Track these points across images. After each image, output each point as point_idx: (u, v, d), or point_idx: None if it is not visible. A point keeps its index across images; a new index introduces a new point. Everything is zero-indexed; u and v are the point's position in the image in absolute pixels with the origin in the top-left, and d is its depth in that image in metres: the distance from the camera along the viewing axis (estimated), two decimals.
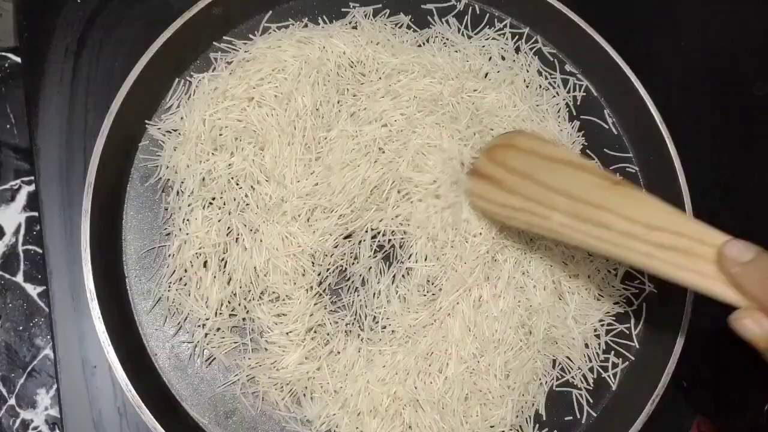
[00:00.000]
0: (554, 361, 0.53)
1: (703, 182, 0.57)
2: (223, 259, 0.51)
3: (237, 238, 0.51)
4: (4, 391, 0.54)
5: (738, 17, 0.68)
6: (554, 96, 0.60)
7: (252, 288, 0.50)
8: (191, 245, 0.50)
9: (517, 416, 0.51)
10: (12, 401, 0.53)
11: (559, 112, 0.59)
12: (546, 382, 0.53)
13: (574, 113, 0.60)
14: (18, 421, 0.53)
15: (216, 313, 0.50)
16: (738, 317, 0.37)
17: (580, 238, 0.45)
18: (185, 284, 0.50)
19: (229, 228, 0.51)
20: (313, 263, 0.51)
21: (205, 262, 0.50)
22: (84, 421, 0.50)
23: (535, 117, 0.57)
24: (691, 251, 0.40)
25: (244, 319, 0.50)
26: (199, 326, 0.50)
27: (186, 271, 0.50)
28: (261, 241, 0.50)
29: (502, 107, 0.57)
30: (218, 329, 0.50)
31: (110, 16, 0.59)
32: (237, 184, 0.51)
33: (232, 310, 0.50)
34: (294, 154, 0.51)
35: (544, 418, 0.52)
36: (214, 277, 0.50)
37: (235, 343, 0.50)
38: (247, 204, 0.51)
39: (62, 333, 0.51)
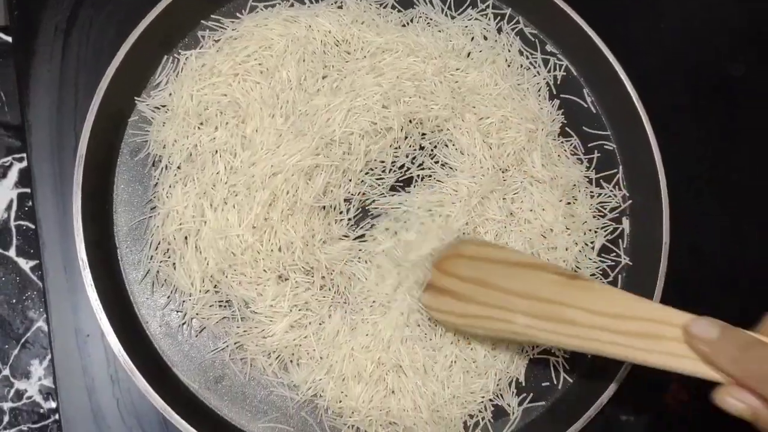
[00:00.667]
0: None
1: (686, 172, 0.58)
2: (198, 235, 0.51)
3: (203, 217, 0.51)
4: None
5: (718, 2, 0.70)
6: (535, 75, 0.61)
7: (226, 269, 0.50)
8: (173, 220, 0.51)
9: (497, 384, 0.53)
10: (6, 372, 0.55)
11: (539, 90, 0.61)
12: (528, 351, 0.54)
13: (555, 92, 0.61)
14: (12, 391, 0.55)
15: (199, 290, 0.50)
16: (720, 396, 0.38)
17: (546, 337, 0.45)
18: (169, 257, 0.52)
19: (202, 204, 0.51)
20: (279, 249, 0.50)
21: (187, 237, 0.51)
22: (77, 389, 0.51)
23: (516, 95, 0.59)
24: (659, 335, 0.40)
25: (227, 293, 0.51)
26: (185, 300, 0.51)
27: (170, 244, 0.51)
28: (228, 219, 0.50)
29: (483, 86, 0.58)
30: (205, 303, 0.51)
31: None
32: (221, 158, 0.52)
33: (215, 286, 0.51)
34: (273, 125, 0.52)
35: (524, 384, 0.54)
36: (195, 252, 0.50)
37: (223, 317, 0.52)
38: (219, 178, 0.51)
39: (55, 303, 0.52)
